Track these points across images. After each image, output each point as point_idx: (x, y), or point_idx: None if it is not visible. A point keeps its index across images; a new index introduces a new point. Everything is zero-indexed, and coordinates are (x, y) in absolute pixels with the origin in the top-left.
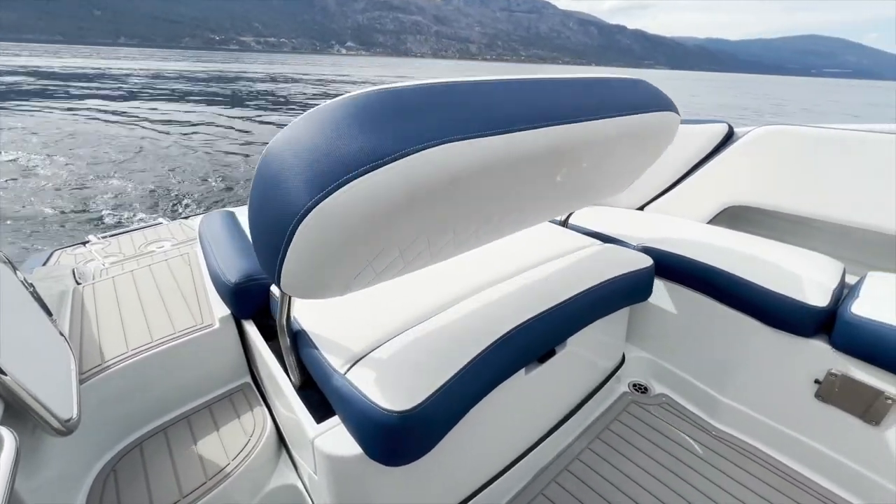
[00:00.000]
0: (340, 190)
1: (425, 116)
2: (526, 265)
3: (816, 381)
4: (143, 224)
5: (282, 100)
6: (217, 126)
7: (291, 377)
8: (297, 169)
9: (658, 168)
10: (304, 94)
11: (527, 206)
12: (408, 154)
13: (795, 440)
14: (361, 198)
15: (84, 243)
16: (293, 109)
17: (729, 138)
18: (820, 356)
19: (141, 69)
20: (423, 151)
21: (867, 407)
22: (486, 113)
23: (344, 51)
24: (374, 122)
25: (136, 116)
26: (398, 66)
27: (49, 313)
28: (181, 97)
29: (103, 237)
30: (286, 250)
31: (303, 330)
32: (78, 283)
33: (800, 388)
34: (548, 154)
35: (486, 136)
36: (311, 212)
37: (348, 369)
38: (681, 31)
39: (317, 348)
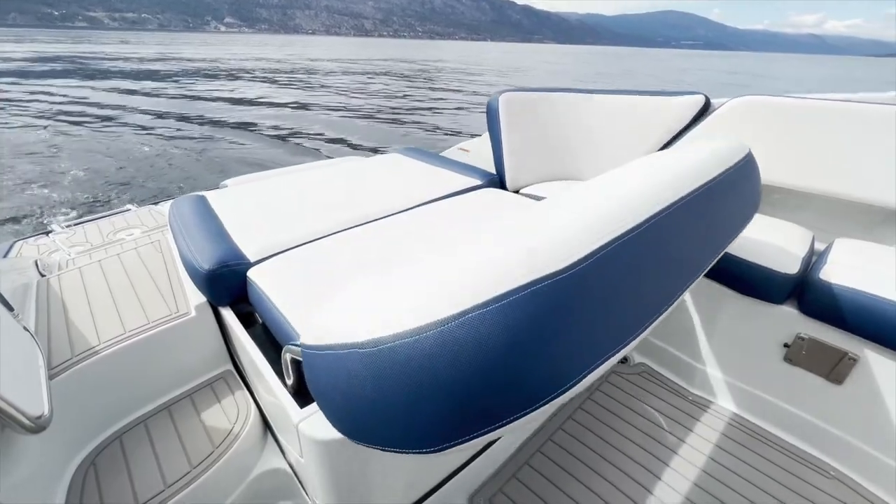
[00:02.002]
0: (478, 439)
1: (584, 332)
2: None
3: (785, 345)
4: (109, 211)
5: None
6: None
7: (287, 383)
8: (434, 403)
9: (637, 142)
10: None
11: None
12: (559, 395)
13: (765, 401)
14: (495, 435)
15: (47, 233)
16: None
17: (706, 109)
18: (789, 321)
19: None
20: (575, 385)
21: (832, 367)
22: (633, 306)
23: (223, 27)
24: (528, 350)
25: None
26: (292, 43)
27: (10, 308)
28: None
29: (67, 226)
30: (385, 448)
31: (280, 313)
32: (42, 275)
33: (770, 352)
34: None
35: (631, 341)
36: (438, 451)
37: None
38: (563, 6)
39: (295, 331)
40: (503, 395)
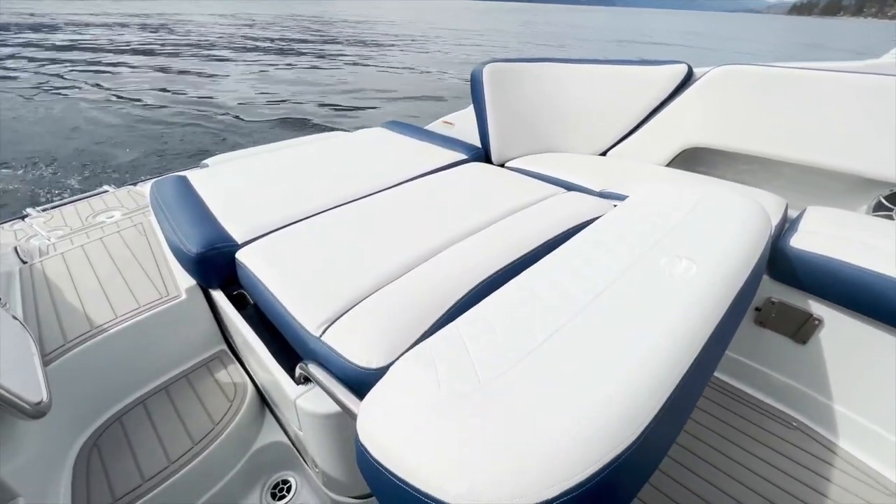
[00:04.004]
0: None
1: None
2: (493, 216)
3: (756, 309)
4: (86, 193)
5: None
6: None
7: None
8: None
9: (620, 112)
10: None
11: None
12: None
13: (736, 361)
14: None
15: (22, 217)
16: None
17: (688, 79)
18: (761, 286)
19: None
20: None
21: (798, 328)
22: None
23: None
24: None
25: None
26: None
27: None
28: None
29: (44, 209)
30: None
31: (273, 296)
32: (24, 262)
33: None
34: None
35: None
36: None
37: (323, 332)
38: None
39: (289, 313)
40: None
